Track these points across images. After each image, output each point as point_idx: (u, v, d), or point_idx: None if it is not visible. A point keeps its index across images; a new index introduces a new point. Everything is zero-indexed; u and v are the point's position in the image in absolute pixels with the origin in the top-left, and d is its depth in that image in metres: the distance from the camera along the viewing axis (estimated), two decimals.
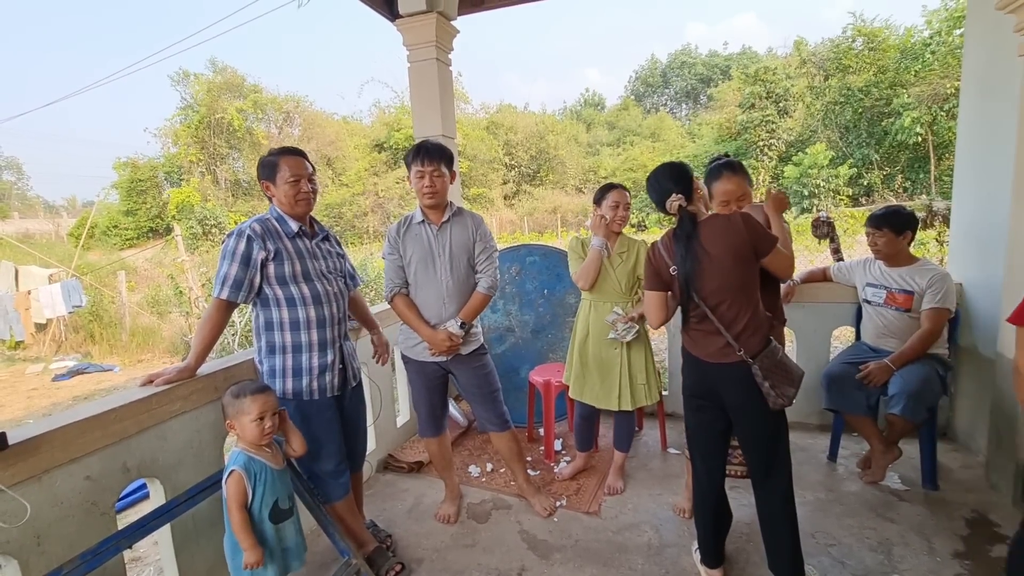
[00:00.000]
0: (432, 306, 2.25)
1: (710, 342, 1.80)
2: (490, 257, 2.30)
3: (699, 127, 26.55)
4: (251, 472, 1.64)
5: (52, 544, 1.43)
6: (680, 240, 1.78)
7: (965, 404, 2.88)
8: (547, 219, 22.05)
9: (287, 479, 1.77)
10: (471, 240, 2.28)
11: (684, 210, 1.78)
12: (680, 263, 1.78)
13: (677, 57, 36.83)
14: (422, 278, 2.24)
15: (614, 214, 2.47)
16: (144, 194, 21.93)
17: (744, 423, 1.83)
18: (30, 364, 8.37)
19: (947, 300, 2.40)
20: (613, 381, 2.52)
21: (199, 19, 73.23)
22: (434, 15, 3.40)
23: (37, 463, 1.40)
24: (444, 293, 2.24)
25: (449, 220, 2.26)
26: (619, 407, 2.52)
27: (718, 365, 1.79)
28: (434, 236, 2.24)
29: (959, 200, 2.98)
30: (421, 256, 2.23)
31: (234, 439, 1.74)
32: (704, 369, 1.84)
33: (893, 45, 18.33)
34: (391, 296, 2.28)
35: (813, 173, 17.31)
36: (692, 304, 1.80)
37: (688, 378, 1.94)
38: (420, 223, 2.26)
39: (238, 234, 1.84)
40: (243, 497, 1.62)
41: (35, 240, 18.12)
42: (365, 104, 54.66)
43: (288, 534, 1.73)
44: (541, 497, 2.55)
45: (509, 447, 2.48)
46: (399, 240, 2.26)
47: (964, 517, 2.29)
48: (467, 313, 2.25)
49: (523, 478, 2.56)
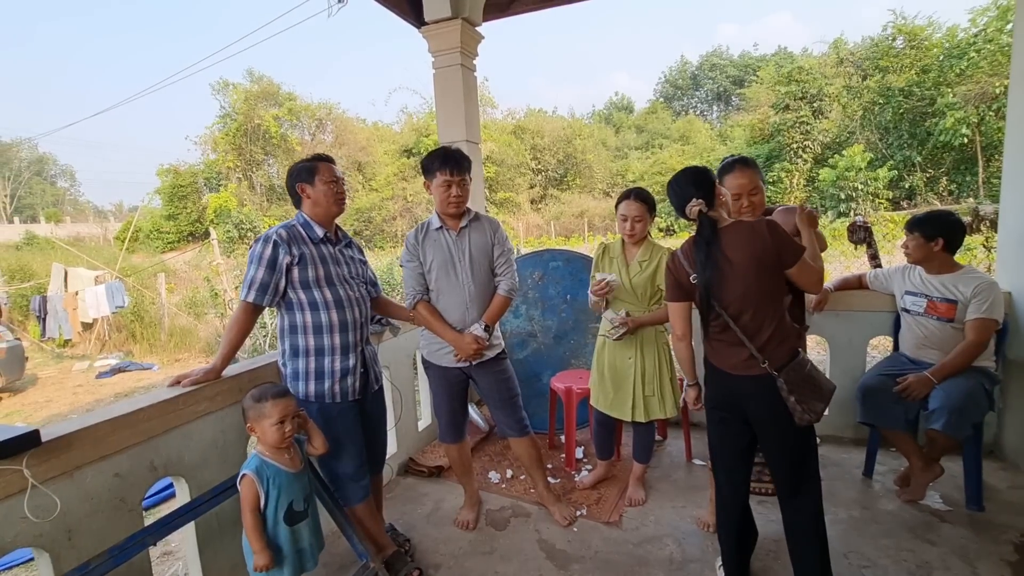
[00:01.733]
0: (455, 311, 2.26)
1: (733, 353, 1.74)
2: (508, 260, 2.31)
3: (730, 129, 26.02)
4: (263, 476, 1.66)
5: (82, 539, 1.48)
6: (700, 247, 1.72)
7: (1014, 420, 2.71)
8: (574, 223, 21.95)
9: (304, 481, 1.79)
10: (490, 244, 2.29)
11: (704, 215, 1.73)
12: (700, 270, 1.72)
13: (708, 59, 36.25)
14: (444, 284, 2.25)
15: (623, 227, 2.42)
16: (185, 199, 22.81)
17: (769, 438, 1.76)
18: (76, 362, 8.78)
19: (994, 310, 2.26)
20: (627, 392, 2.48)
21: (237, 31, 76.18)
22: (459, 21, 3.43)
23: (69, 460, 1.46)
24: (467, 298, 2.25)
25: (468, 225, 2.28)
26: (632, 418, 2.47)
27: (741, 377, 1.73)
28: (453, 242, 2.25)
29: (1008, 204, 2.81)
30: (442, 262, 2.24)
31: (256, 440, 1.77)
32: (727, 381, 1.78)
33: (936, 43, 17.59)
34: (414, 303, 2.29)
35: (850, 176, 16.70)
36: (713, 314, 1.74)
37: (711, 390, 1.88)
38: (438, 229, 2.26)
39: (265, 239, 1.88)
40: (255, 500, 1.64)
41: (84, 243, 19.08)
42: (393, 110, 55.68)
43: (303, 535, 1.75)
44: (561, 506, 2.51)
45: (528, 453, 2.47)
46: (418, 247, 2.27)
47: (1012, 542, 2.15)
48: (490, 316, 2.26)
49: (543, 485, 2.54)
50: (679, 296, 1.83)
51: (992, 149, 15.51)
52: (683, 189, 1.79)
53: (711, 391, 1.88)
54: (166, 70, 61.86)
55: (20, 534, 1.35)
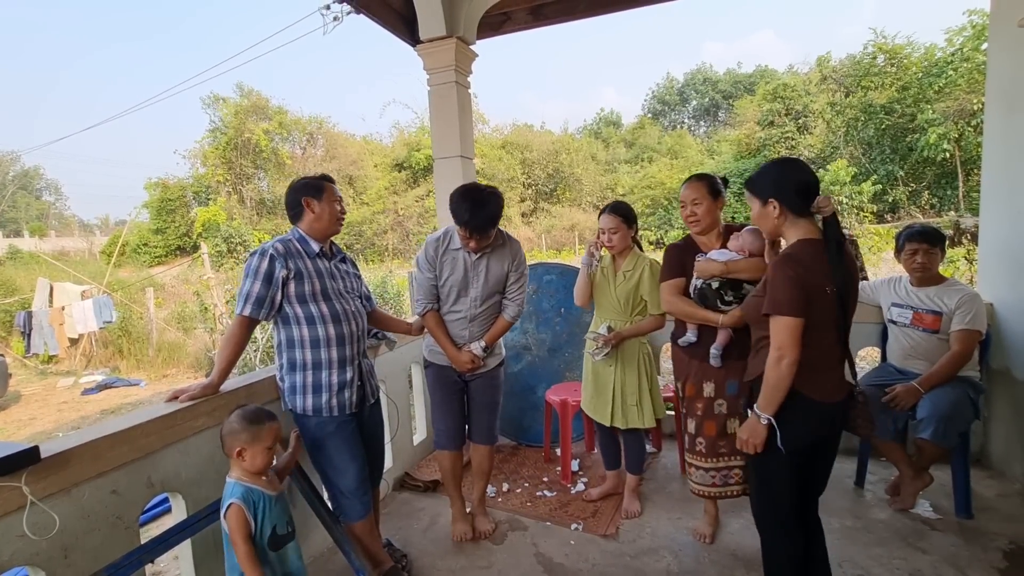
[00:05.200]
0: (457, 326, 2.33)
1: (829, 377, 1.56)
2: (521, 288, 2.36)
3: (718, 144, 26.46)
4: (250, 502, 1.61)
5: (78, 556, 1.47)
6: (832, 250, 1.52)
7: (1000, 429, 2.77)
8: (565, 236, 22.08)
9: (285, 504, 1.74)
10: (505, 272, 2.32)
11: (833, 214, 1.55)
12: (836, 278, 1.51)
13: (695, 75, 36.96)
14: (452, 301, 2.30)
15: (600, 239, 2.50)
16: (173, 213, 22.62)
17: (829, 464, 1.68)
18: (61, 378, 8.63)
19: (977, 321, 2.33)
20: (607, 398, 2.54)
21: (230, 45, 76.33)
22: (453, 40, 3.50)
23: (67, 476, 1.45)
24: (469, 317, 2.31)
25: (490, 248, 2.28)
26: (611, 423, 2.53)
27: (834, 405, 1.57)
28: (471, 264, 2.28)
29: (987, 218, 2.91)
30: (456, 281, 2.28)
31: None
32: (823, 413, 1.56)
33: (915, 62, 18.14)
34: (424, 311, 2.33)
35: (835, 190, 17.02)
36: (839, 333, 1.55)
37: (797, 429, 1.54)
38: (458, 249, 2.27)
39: (261, 253, 1.90)
40: (246, 529, 1.57)
41: (70, 257, 18.83)
42: (385, 125, 55.96)
43: (290, 558, 1.71)
44: (483, 519, 2.55)
45: (482, 462, 2.52)
46: (437, 260, 2.28)
47: (1001, 549, 2.19)
48: (491, 337, 2.34)
49: (479, 494, 2.58)
50: (803, 310, 1.49)
51: (971, 164, 15.92)
52: (807, 175, 1.58)
53: (799, 430, 1.55)
54: (159, 85, 61.78)
55: (17, 552, 1.34)
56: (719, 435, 2.18)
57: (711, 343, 2.16)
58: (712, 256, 2.14)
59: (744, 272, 2.05)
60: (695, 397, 2.22)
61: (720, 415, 2.18)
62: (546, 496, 2.85)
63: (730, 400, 2.16)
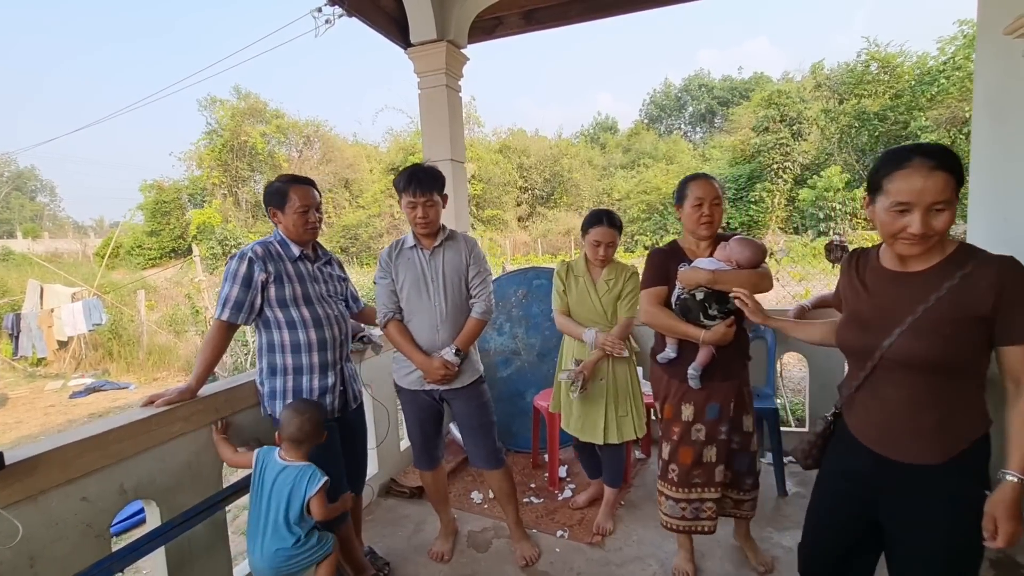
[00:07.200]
0: (425, 332, 2.16)
1: None
2: (484, 281, 2.22)
3: (713, 150, 26.58)
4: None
5: (45, 566, 1.43)
6: None
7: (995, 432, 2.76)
8: (561, 241, 22.08)
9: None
10: (464, 264, 2.20)
11: None
12: None
13: (692, 81, 37.17)
14: (415, 304, 2.17)
15: (594, 252, 2.36)
16: (168, 215, 22.53)
17: None
18: (50, 381, 8.53)
19: None
20: (599, 413, 2.38)
21: (223, 48, 76.28)
22: (444, 44, 3.49)
23: (34, 483, 1.41)
24: (438, 319, 2.15)
25: (442, 244, 2.20)
26: (604, 440, 2.39)
27: None
28: (427, 261, 2.18)
29: (974, 224, 2.91)
30: (413, 281, 2.16)
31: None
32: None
33: (908, 70, 18.32)
34: (385, 322, 2.19)
35: (829, 196, 17.15)
36: None
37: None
38: (412, 248, 2.19)
39: (240, 256, 1.88)
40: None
41: (63, 259, 18.68)
42: (380, 129, 56.04)
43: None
44: (525, 545, 2.38)
45: (502, 486, 2.32)
46: (391, 264, 2.19)
47: (988, 558, 2.17)
48: (463, 340, 2.15)
49: (513, 520, 2.39)
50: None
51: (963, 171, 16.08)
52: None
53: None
54: (154, 86, 61.83)
55: None
56: (694, 464, 2.00)
57: (693, 361, 1.97)
58: (698, 264, 1.94)
59: (732, 284, 1.82)
60: (672, 420, 2.03)
61: (697, 442, 1.99)
62: (532, 503, 2.82)
63: (709, 425, 1.98)
